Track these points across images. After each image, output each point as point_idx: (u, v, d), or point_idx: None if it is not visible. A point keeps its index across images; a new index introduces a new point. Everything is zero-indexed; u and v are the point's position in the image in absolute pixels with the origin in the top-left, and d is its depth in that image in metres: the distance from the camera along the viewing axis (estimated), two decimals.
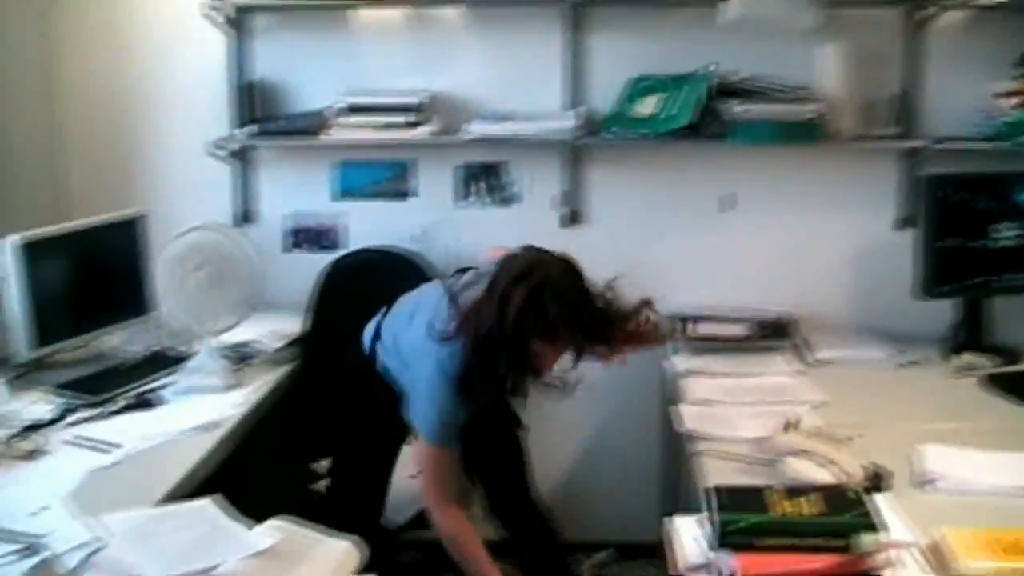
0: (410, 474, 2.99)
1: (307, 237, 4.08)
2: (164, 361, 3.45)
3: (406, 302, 3.13)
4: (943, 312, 3.72)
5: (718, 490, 2.06)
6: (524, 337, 2.64)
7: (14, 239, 3.18)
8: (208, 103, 3.99)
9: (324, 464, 3.49)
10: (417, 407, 2.88)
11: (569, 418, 4.05)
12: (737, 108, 3.63)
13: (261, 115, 3.95)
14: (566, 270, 2.71)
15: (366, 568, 2.06)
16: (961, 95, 3.79)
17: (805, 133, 3.64)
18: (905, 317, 3.79)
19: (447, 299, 2.80)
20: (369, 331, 3.14)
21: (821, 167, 3.92)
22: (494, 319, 2.62)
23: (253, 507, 2.21)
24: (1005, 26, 3.74)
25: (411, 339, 2.94)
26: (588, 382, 3.72)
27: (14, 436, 2.80)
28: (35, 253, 3.23)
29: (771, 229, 3.99)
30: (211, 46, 3.97)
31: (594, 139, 3.85)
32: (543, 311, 2.60)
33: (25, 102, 3.87)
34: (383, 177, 4.06)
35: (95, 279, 3.50)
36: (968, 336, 3.67)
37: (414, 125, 3.80)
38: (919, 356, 3.61)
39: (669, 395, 3.51)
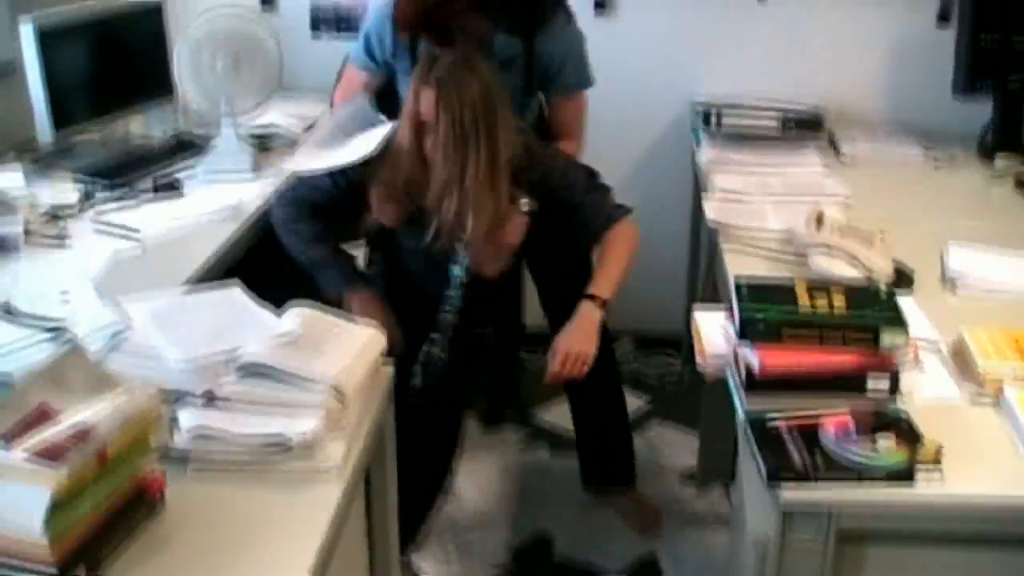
0: None
1: (329, 19, 4.00)
2: (186, 145, 3.43)
3: None
4: (979, 111, 3.64)
5: (743, 283, 2.05)
6: None
7: (31, 21, 3.11)
8: None
9: (349, 247, 3.48)
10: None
11: None
12: None
13: None
14: None
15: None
16: None
17: None
18: (940, 115, 3.73)
19: None
20: None
21: None
22: None
23: (277, 293, 2.22)
24: None
25: None
26: (619, 169, 3.72)
27: (39, 221, 2.81)
28: (54, 36, 3.16)
29: (807, 23, 3.89)
30: None
31: None
32: None
33: None
34: None
35: (115, 62, 3.43)
36: (1004, 137, 3.59)
37: None
38: (953, 155, 3.55)
39: (699, 186, 3.48)
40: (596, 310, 2.79)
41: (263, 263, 3.00)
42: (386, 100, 3.12)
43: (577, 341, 2.76)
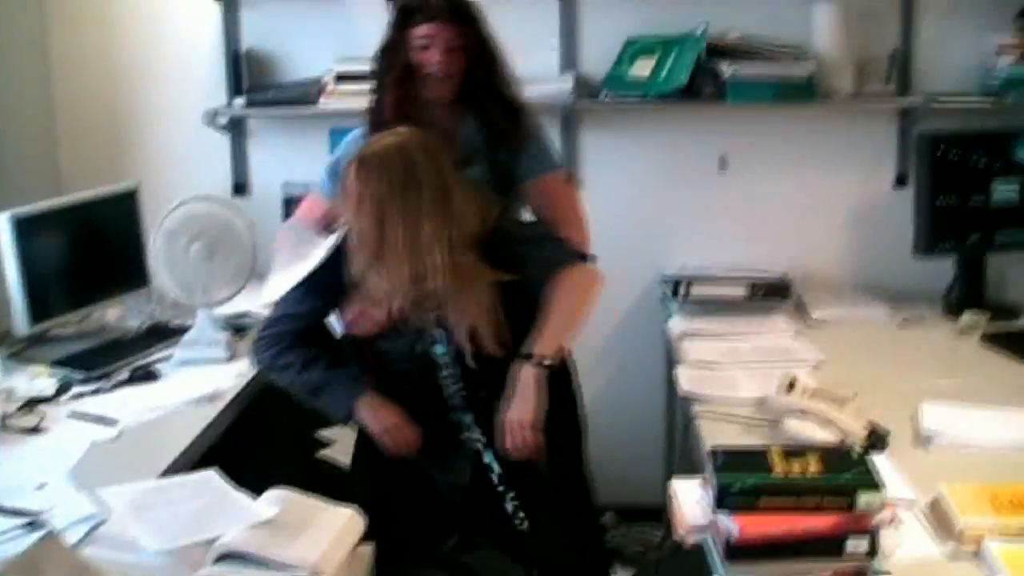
0: None
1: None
2: (163, 333, 3.46)
3: None
4: (943, 270, 3.73)
5: (718, 451, 2.07)
6: None
7: (7, 215, 3.17)
8: (203, 73, 3.98)
9: (328, 432, 3.48)
10: None
11: None
12: (727, 69, 3.62)
13: (256, 85, 3.92)
14: None
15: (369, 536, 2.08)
16: (957, 51, 3.80)
17: (800, 92, 3.63)
18: (904, 275, 3.81)
19: None
20: None
21: (818, 126, 3.91)
22: None
23: (256, 478, 2.22)
24: None
25: None
26: (591, 343, 3.77)
27: (16, 410, 2.81)
28: (29, 229, 3.22)
29: (769, 189, 3.97)
30: (205, 15, 3.96)
31: (591, 102, 3.83)
32: None
33: (20, 76, 3.86)
34: None
35: (91, 253, 3.48)
36: (967, 293, 3.68)
37: None
38: (919, 314, 3.61)
39: (671, 357, 3.51)
40: (530, 370, 2.65)
41: (241, 447, 3.00)
42: None
43: (516, 411, 2.64)
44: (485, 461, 2.80)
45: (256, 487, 2.15)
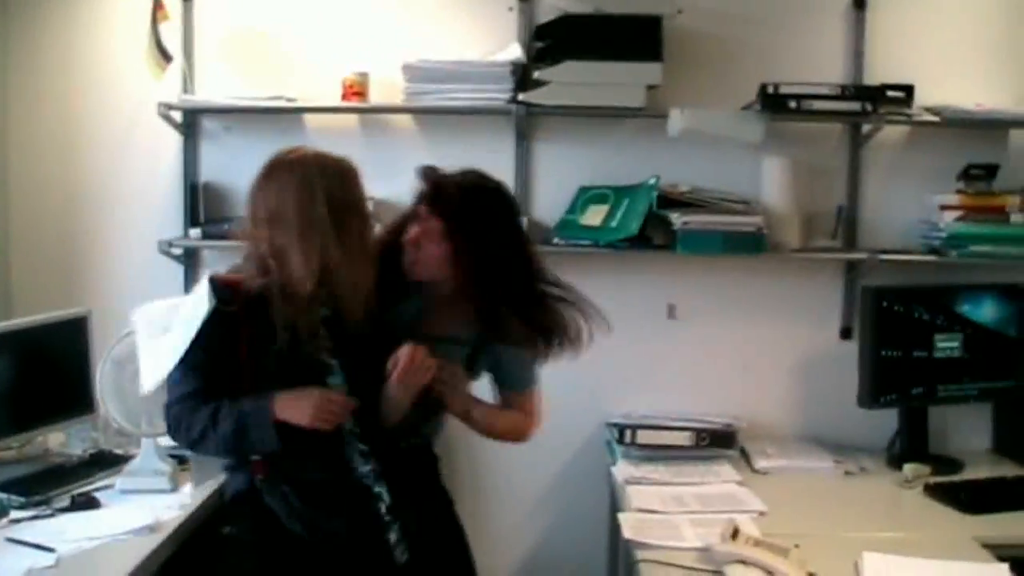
0: None
1: None
2: (106, 462, 3.43)
3: None
4: (888, 420, 3.79)
5: None
6: None
7: None
8: (161, 203, 4.01)
9: None
10: None
11: (517, 522, 4.06)
12: (678, 220, 3.67)
13: (212, 217, 3.95)
14: None
15: None
16: (901, 208, 3.90)
17: (748, 244, 3.68)
18: (848, 426, 3.87)
19: None
20: None
21: (766, 278, 3.97)
22: None
23: None
24: (943, 141, 3.85)
25: None
26: (535, 485, 3.75)
27: None
28: None
29: (716, 338, 4.01)
30: (167, 146, 4.00)
31: (543, 247, 3.81)
32: None
33: None
34: None
35: (37, 377, 3.45)
36: (910, 445, 3.73)
37: None
38: (863, 465, 3.65)
39: (615, 502, 3.51)
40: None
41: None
42: None
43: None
44: (375, 491, 2.74)
45: None
